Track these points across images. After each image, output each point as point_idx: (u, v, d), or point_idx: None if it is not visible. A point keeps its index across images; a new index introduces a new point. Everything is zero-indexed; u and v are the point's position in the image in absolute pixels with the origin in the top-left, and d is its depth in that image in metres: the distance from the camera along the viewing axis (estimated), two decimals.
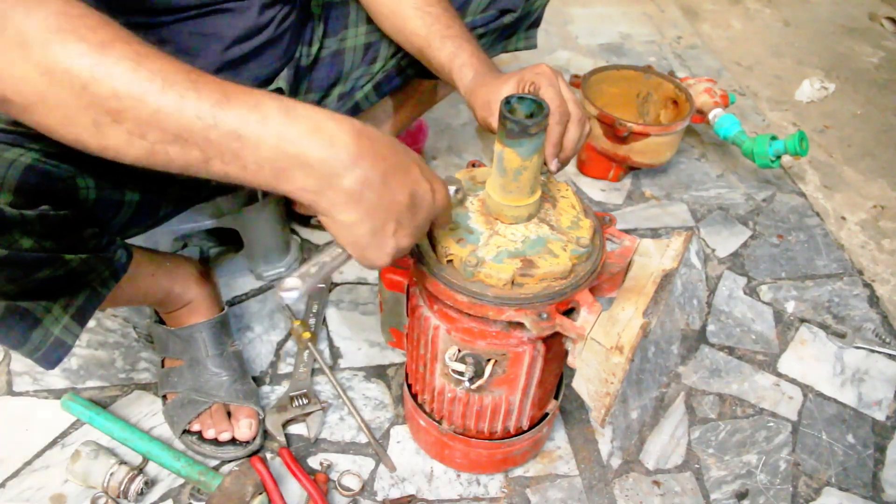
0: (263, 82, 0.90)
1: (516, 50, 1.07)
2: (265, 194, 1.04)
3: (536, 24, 1.06)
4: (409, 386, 0.88)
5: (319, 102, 0.99)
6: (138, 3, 0.76)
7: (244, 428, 0.90)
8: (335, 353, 1.04)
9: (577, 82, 1.41)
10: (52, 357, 0.71)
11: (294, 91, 0.96)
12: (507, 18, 0.99)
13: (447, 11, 0.85)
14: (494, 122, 0.71)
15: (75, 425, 0.93)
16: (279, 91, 0.91)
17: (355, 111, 1.03)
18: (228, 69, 0.85)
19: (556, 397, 0.88)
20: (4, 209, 0.58)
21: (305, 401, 0.95)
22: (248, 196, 1.03)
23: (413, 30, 0.85)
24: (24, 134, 0.62)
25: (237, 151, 0.51)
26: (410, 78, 1.02)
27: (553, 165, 0.76)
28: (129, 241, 0.77)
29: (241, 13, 0.82)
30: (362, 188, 0.53)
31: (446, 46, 0.82)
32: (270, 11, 0.85)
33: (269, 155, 0.51)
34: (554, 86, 0.75)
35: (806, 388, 1.05)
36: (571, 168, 1.42)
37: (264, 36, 0.86)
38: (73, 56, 0.48)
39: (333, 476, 0.89)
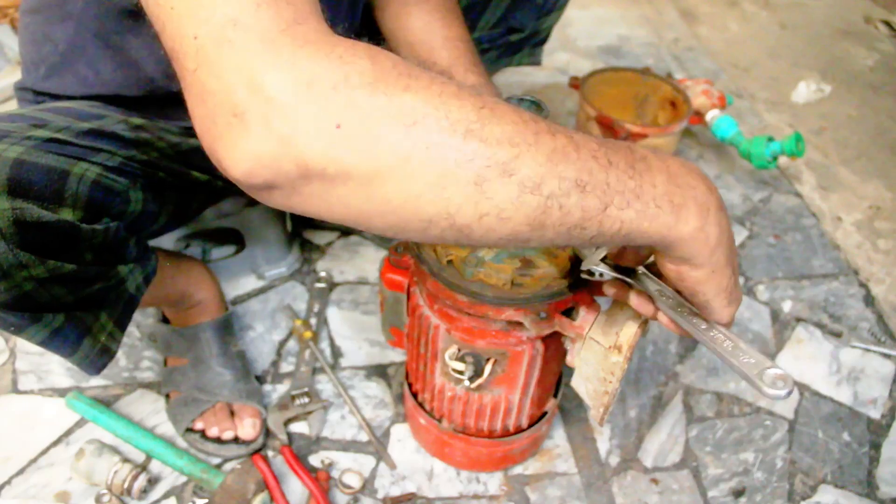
0: None
1: (520, 65, 1.07)
2: None
3: (543, 41, 1.06)
4: (410, 385, 0.89)
5: None
6: None
7: (248, 427, 0.91)
8: (336, 352, 1.05)
9: (575, 84, 1.42)
10: (98, 364, 0.73)
11: None
12: (514, 37, 0.99)
13: (473, 52, 0.82)
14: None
15: (80, 423, 0.93)
16: None
17: None
18: None
19: (555, 396, 0.88)
20: (80, 226, 0.59)
21: (307, 399, 0.96)
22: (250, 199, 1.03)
23: (437, 60, 0.81)
24: (86, 147, 0.63)
25: (635, 190, 0.45)
26: None
27: None
28: None
29: None
30: (721, 230, 0.49)
31: (468, 80, 0.78)
32: None
33: (665, 189, 0.46)
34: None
35: (802, 387, 1.06)
36: None
37: None
38: (448, 102, 0.40)
39: (335, 474, 0.90)
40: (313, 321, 1.08)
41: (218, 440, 0.90)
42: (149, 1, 0.41)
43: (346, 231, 1.23)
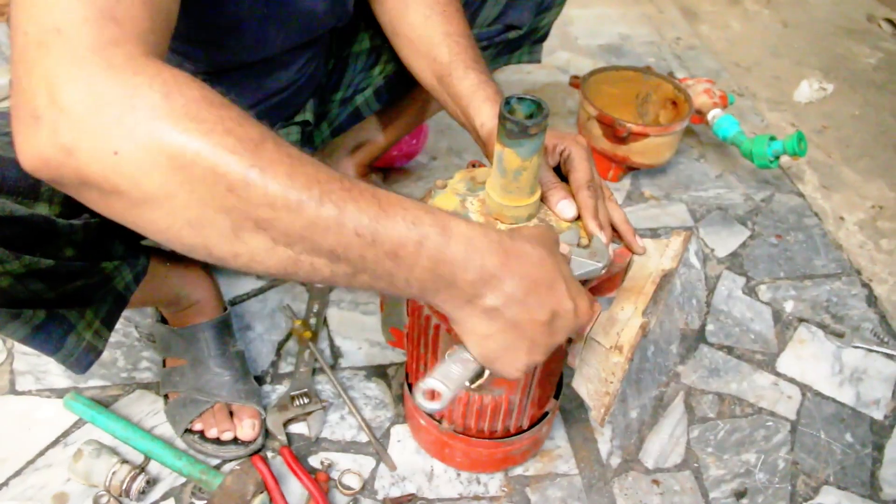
0: (292, 113, 0.91)
1: (519, 62, 1.07)
2: None
3: (542, 39, 1.06)
4: (410, 385, 0.89)
5: (322, 108, 1.00)
6: (211, 59, 0.76)
7: (247, 428, 0.90)
8: (336, 353, 1.05)
9: (576, 83, 1.42)
10: (84, 362, 0.72)
11: (318, 115, 0.96)
12: (513, 34, 0.98)
13: (474, 48, 0.80)
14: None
15: (77, 424, 0.93)
16: (306, 123, 0.92)
17: (357, 117, 1.03)
18: (264, 115, 0.86)
19: (555, 397, 0.88)
20: (56, 221, 0.59)
21: (306, 400, 0.96)
22: None
23: (436, 56, 0.79)
24: None
25: (390, 270, 0.47)
26: (412, 86, 1.02)
27: (605, 239, 0.67)
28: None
29: (287, 66, 0.83)
30: (503, 306, 0.51)
31: (469, 77, 0.76)
32: (313, 61, 0.86)
33: (422, 276, 0.48)
34: (588, 160, 0.70)
35: (804, 388, 1.06)
36: None
37: (300, 82, 0.87)
38: (219, 153, 0.41)
39: (334, 475, 0.90)
40: (313, 321, 1.08)
41: (217, 441, 0.90)
42: None
43: None
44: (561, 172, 0.71)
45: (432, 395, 0.55)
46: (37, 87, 0.42)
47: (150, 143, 0.41)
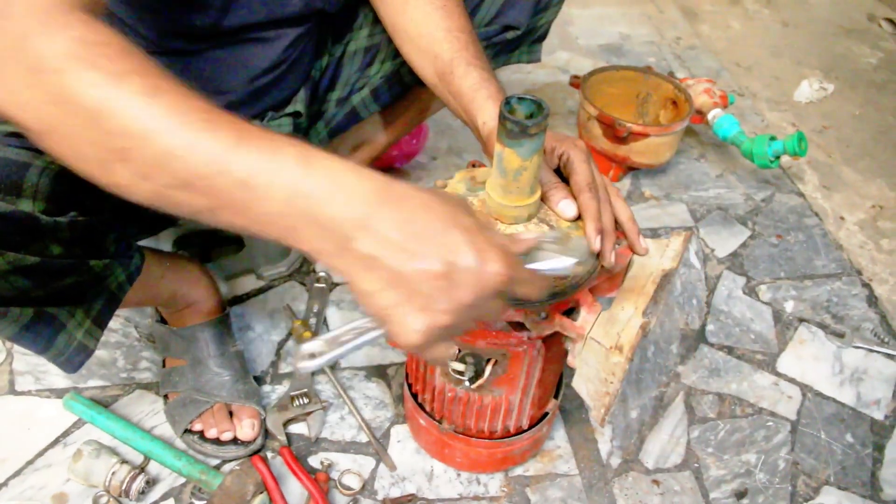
0: (281, 104, 0.91)
1: (519, 62, 1.06)
2: None
3: (541, 39, 1.05)
4: (410, 385, 0.88)
5: (317, 107, 1.00)
6: (181, 25, 0.75)
7: (247, 428, 0.90)
8: None
9: (576, 83, 1.41)
10: (75, 361, 0.72)
11: (314, 114, 0.96)
12: (510, 35, 0.97)
13: (476, 44, 0.79)
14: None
15: (77, 424, 0.93)
16: (297, 115, 0.92)
17: (354, 118, 1.02)
18: (252, 98, 0.85)
19: (555, 397, 0.88)
20: (40, 218, 0.59)
21: (306, 400, 0.96)
22: None
23: (438, 53, 0.77)
24: None
25: (246, 203, 0.46)
26: (410, 86, 1.02)
27: (609, 256, 0.66)
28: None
29: (272, 43, 0.82)
30: (381, 253, 0.46)
31: (471, 75, 0.74)
32: (301, 42, 0.85)
33: (279, 209, 0.46)
34: (588, 162, 0.68)
35: (805, 388, 1.06)
36: None
37: (285, 66, 0.86)
38: (85, 86, 0.45)
39: (334, 475, 0.90)
40: (313, 321, 1.07)
41: (217, 441, 0.90)
42: None
43: None
44: (562, 175, 0.71)
45: (311, 356, 0.53)
46: None
47: (36, 82, 0.46)
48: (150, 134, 0.45)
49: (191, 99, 0.47)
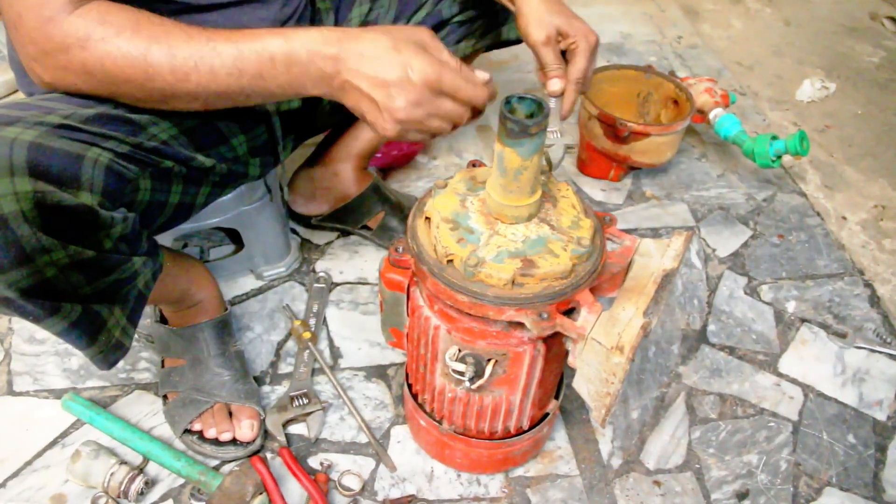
0: None
1: (508, 41, 1.08)
2: (269, 191, 1.03)
3: None
4: (410, 386, 0.88)
5: None
6: None
7: (246, 428, 0.90)
8: (335, 353, 1.04)
9: None
10: (111, 359, 0.72)
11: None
12: None
13: None
14: (535, 35, 0.83)
15: (76, 425, 0.93)
16: None
17: None
18: None
19: (556, 397, 0.88)
20: (99, 211, 0.60)
21: (306, 401, 0.95)
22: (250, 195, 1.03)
23: None
24: (95, 133, 0.63)
25: (263, 86, 0.66)
26: None
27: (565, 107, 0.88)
28: None
29: (266, 5, 0.82)
30: (351, 79, 0.65)
31: None
32: (293, 2, 0.85)
33: (286, 80, 0.66)
34: (590, 58, 0.86)
35: (807, 388, 1.05)
36: (571, 168, 1.42)
37: (284, 22, 0.85)
38: (116, 55, 0.63)
39: (334, 476, 0.89)
40: (312, 321, 1.07)
41: (216, 441, 0.90)
42: None
43: (345, 231, 1.22)
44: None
45: None
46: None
47: (68, 62, 0.63)
48: (183, 75, 0.64)
49: (194, 33, 0.64)
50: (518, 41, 1.07)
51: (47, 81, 0.65)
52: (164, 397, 0.94)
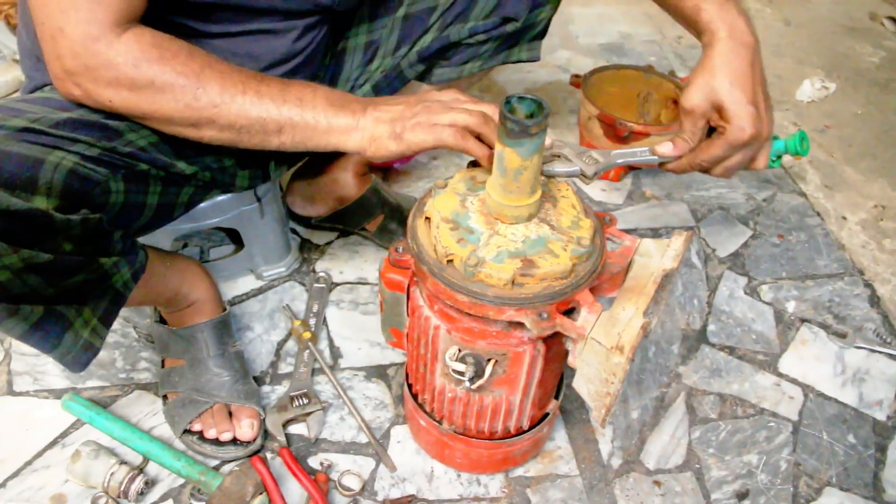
0: None
1: (519, 61, 1.06)
2: (259, 199, 1.03)
3: (541, 36, 1.05)
4: (410, 386, 0.88)
5: None
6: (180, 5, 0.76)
7: (246, 428, 0.90)
8: (335, 353, 1.04)
9: (577, 82, 1.41)
10: (81, 360, 0.72)
11: None
12: (510, 27, 0.98)
13: None
14: (684, 98, 0.79)
15: (76, 425, 0.93)
16: None
17: None
18: None
19: (556, 397, 0.88)
20: (54, 215, 0.59)
21: (306, 401, 0.95)
22: (245, 195, 1.03)
23: None
24: (63, 136, 0.63)
25: (302, 141, 0.73)
26: (408, 80, 1.02)
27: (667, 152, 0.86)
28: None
29: (282, 35, 0.82)
30: (383, 115, 0.73)
31: None
32: (310, 34, 0.85)
33: (324, 142, 0.74)
34: (727, 150, 0.84)
35: (807, 388, 1.05)
36: None
37: (300, 59, 0.86)
38: (162, 81, 0.67)
39: (334, 476, 0.89)
40: (312, 321, 1.07)
41: (216, 441, 0.90)
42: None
43: (345, 231, 1.22)
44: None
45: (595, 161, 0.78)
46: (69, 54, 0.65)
47: (113, 83, 0.66)
48: (224, 106, 0.69)
49: (239, 74, 0.70)
50: (529, 61, 1.06)
51: (77, 95, 0.66)
52: (164, 397, 0.94)
